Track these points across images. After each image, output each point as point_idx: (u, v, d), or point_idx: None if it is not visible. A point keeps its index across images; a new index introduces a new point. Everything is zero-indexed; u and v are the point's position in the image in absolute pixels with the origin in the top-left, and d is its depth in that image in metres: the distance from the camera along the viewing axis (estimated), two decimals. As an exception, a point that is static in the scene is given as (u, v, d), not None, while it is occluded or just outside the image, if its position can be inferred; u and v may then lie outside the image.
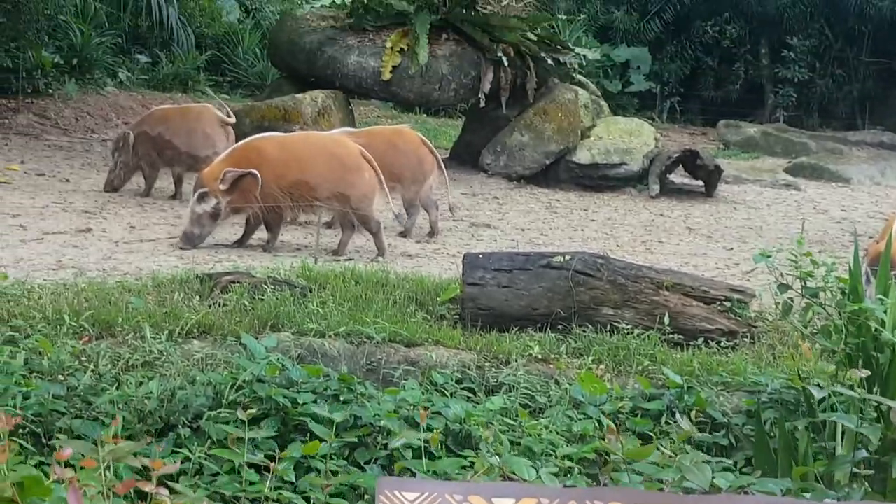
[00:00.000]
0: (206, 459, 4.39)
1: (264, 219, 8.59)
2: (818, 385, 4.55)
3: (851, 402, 4.42)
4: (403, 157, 9.67)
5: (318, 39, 14.46)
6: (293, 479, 4.22)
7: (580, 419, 5.20)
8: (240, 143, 8.88)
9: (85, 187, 11.17)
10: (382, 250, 8.67)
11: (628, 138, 14.38)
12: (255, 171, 8.28)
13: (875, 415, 4.41)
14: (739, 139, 20.63)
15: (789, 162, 18.14)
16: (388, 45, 14.04)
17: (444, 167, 10.17)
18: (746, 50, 26.05)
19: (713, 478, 3.72)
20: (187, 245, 8.36)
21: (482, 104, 14.38)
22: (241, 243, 8.80)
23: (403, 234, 9.89)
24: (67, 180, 11.64)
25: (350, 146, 8.71)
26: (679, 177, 14.85)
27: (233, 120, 11.46)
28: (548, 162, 14.25)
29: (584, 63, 17.90)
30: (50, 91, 17.05)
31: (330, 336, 5.86)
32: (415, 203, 9.89)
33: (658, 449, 3.90)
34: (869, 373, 4.40)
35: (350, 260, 8.24)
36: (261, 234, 9.04)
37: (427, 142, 10.09)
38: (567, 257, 6.44)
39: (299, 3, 21.15)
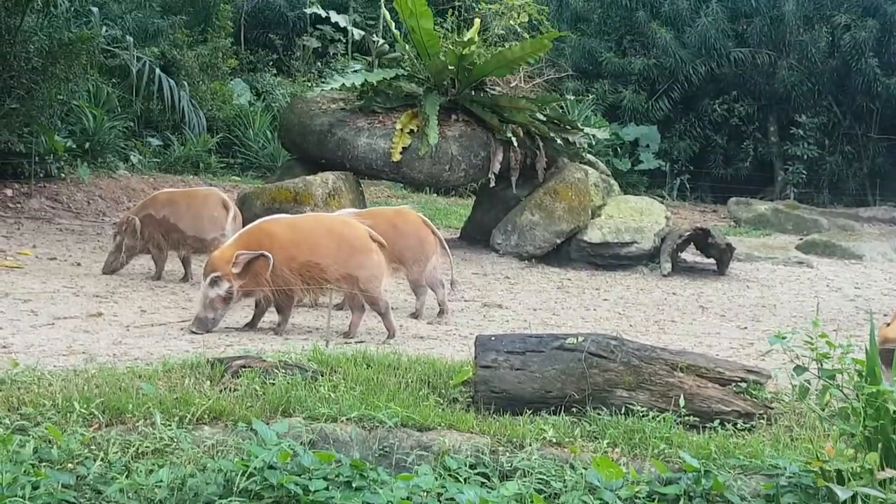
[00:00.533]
0: (217, 549, 4.31)
1: (275, 301, 8.57)
2: (838, 470, 4.47)
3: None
4: (405, 239, 9.67)
5: (328, 121, 14.58)
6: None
7: (596, 505, 5.11)
8: (249, 226, 8.89)
9: (96, 271, 11.18)
10: (392, 332, 8.64)
11: (639, 217, 14.39)
12: (268, 253, 8.29)
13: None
14: (750, 216, 20.65)
15: (801, 239, 18.13)
16: (398, 126, 14.14)
17: (446, 246, 10.15)
18: (755, 127, 26.23)
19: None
20: (201, 329, 8.33)
21: (492, 184, 14.45)
22: (251, 326, 8.78)
23: (415, 316, 9.86)
24: (79, 264, 11.67)
25: (358, 227, 8.72)
26: (691, 255, 14.85)
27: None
28: (559, 241, 14.27)
29: (594, 142, 18.01)
30: (62, 175, 17.19)
31: (342, 421, 5.79)
32: (421, 284, 9.87)
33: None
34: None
35: (361, 342, 8.20)
36: (271, 316, 9.01)
37: (428, 222, 10.09)
38: (580, 339, 6.39)
39: (309, 85, 21.39)
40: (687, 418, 6.12)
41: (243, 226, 10.01)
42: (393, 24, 15.84)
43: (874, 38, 24.72)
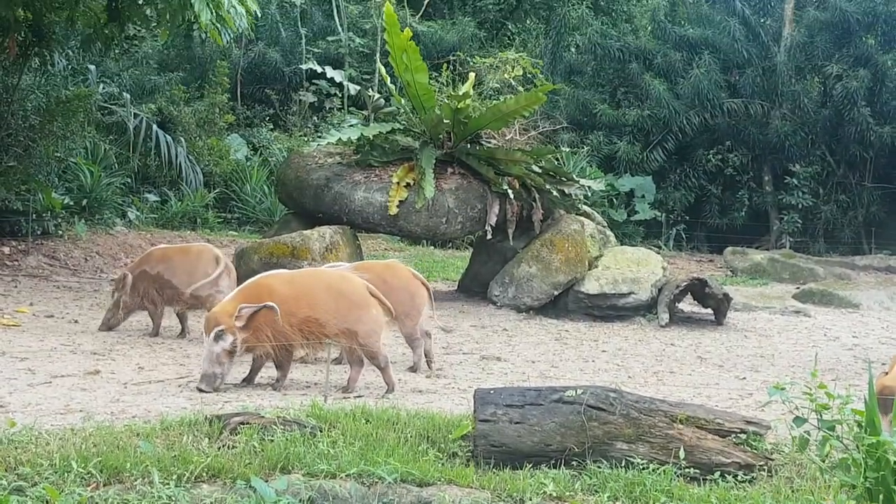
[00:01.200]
0: None
1: (275, 357, 8.54)
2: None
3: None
4: (395, 293, 9.65)
5: (325, 176, 14.63)
6: None
7: (598, 560, 5.08)
8: (249, 281, 8.88)
9: (94, 328, 11.16)
10: (392, 386, 8.61)
11: (636, 268, 14.41)
12: (273, 304, 8.27)
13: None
14: (747, 266, 20.68)
15: (798, 288, 18.15)
16: (395, 180, 14.19)
17: (431, 300, 10.15)
18: (750, 177, 26.38)
19: None
20: (209, 387, 8.18)
21: (489, 236, 14.48)
22: (249, 381, 8.74)
23: (413, 369, 9.84)
24: (76, 321, 11.65)
25: (356, 282, 8.72)
26: (688, 305, 14.85)
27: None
28: (556, 293, 14.27)
29: (590, 193, 18.08)
30: (59, 232, 17.21)
31: (341, 477, 5.77)
32: (416, 337, 9.85)
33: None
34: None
35: (360, 397, 8.17)
36: (268, 372, 8.99)
37: (418, 275, 10.10)
38: (579, 391, 6.38)
39: (306, 140, 21.52)
40: (687, 470, 6.11)
41: (239, 281, 9.99)
42: (388, 78, 15.97)
43: (866, 87, 24.94)
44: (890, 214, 26.08)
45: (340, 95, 26.20)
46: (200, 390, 8.15)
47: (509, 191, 14.27)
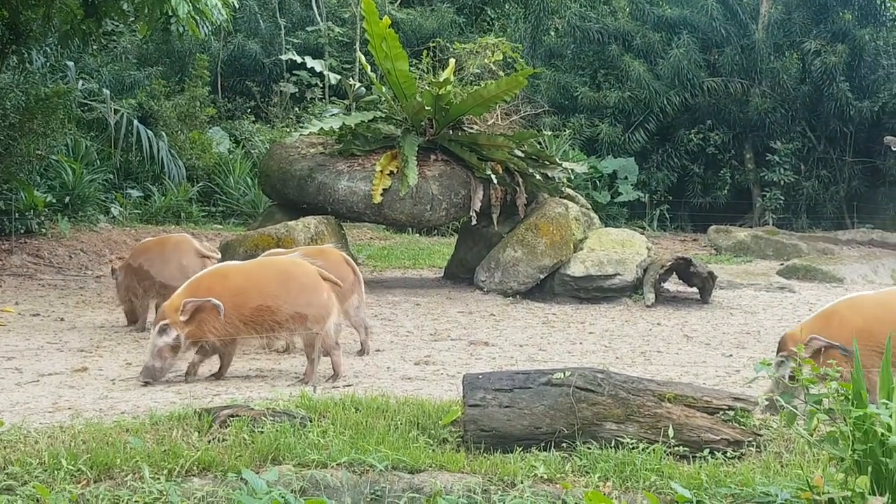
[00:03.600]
0: None
1: (221, 349, 8.45)
2: (830, 499, 4.48)
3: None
4: None
5: (308, 166, 14.60)
6: None
7: (590, 540, 5.09)
8: (200, 273, 8.83)
9: (80, 325, 11.14)
10: (338, 372, 8.51)
11: (621, 249, 14.44)
12: (216, 301, 8.21)
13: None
14: (731, 244, 20.74)
15: (782, 264, 18.22)
16: (378, 168, 14.18)
17: (362, 284, 10.13)
18: (731, 155, 26.44)
19: None
20: (148, 379, 8.21)
21: (474, 222, 14.48)
22: (219, 376, 8.67)
23: (361, 353, 9.83)
24: (62, 319, 11.62)
25: (307, 266, 8.64)
26: (673, 285, 14.90)
27: (217, 255, 11.52)
28: (542, 276, 14.30)
29: (573, 176, 18.09)
30: (43, 231, 17.16)
31: (332, 466, 5.77)
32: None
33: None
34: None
35: (349, 386, 8.18)
36: (256, 363, 8.99)
37: (349, 260, 10.08)
38: (567, 373, 6.39)
39: (288, 131, 21.47)
40: (677, 448, 6.13)
41: None
42: (368, 67, 15.94)
43: (844, 62, 25.02)
44: (871, 188, 26.20)
45: (321, 85, 26.16)
46: (142, 383, 8.18)
47: (493, 176, 14.28)
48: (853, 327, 7.05)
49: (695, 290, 14.52)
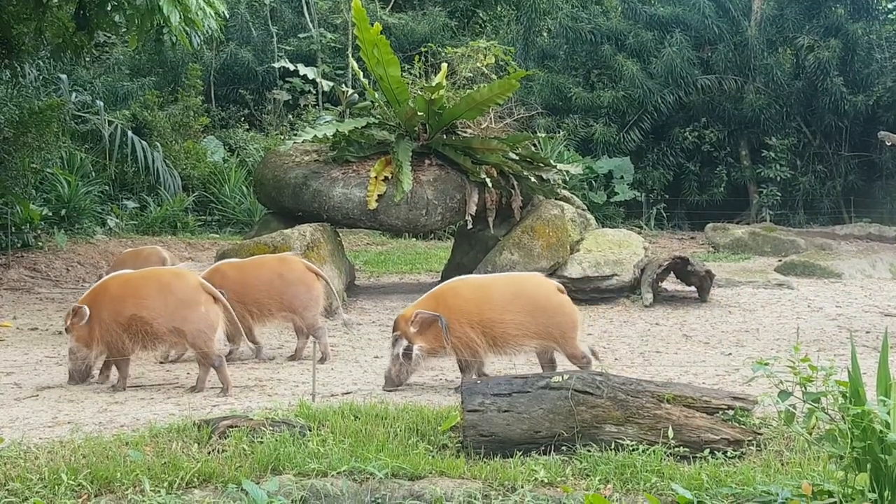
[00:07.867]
0: None
1: (111, 356, 8.51)
2: (829, 493, 4.48)
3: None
4: (292, 287, 9.68)
5: (302, 174, 14.60)
6: None
7: (591, 543, 5.10)
8: (99, 281, 8.98)
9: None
10: (227, 386, 8.36)
11: (617, 249, 14.43)
12: (82, 307, 8.34)
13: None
14: (728, 241, 20.73)
15: (780, 261, 18.21)
16: (372, 174, 14.18)
17: (333, 288, 10.13)
18: (727, 153, 26.45)
19: None
20: (71, 382, 8.52)
21: (469, 226, 14.48)
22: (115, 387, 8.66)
23: (322, 360, 9.74)
24: (61, 333, 11.59)
25: (189, 280, 8.51)
26: (671, 284, 14.89)
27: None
28: (539, 278, 14.25)
29: (568, 178, 18.08)
30: (39, 244, 17.16)
31: (332, 475, 5.78)
32: (319, 326, 9.78)
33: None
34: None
35: (348, 393, 8.18)
36: (255, 373, 8.99)
37: (313, 267, 10.06)
38: (565, 377, 6.40)
39: (282, 138, 21.49)
40: (677, 449, 6.14)
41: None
42: (361, 73, 15.93)
43: (838, 57, 25.03)
44: (868, 182, 26.21)
45: (314, 92, 26.17)
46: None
47: (487, 179, 14.27)
48: (452, 305, 8.14)
49: (693, 289, 14.51)
